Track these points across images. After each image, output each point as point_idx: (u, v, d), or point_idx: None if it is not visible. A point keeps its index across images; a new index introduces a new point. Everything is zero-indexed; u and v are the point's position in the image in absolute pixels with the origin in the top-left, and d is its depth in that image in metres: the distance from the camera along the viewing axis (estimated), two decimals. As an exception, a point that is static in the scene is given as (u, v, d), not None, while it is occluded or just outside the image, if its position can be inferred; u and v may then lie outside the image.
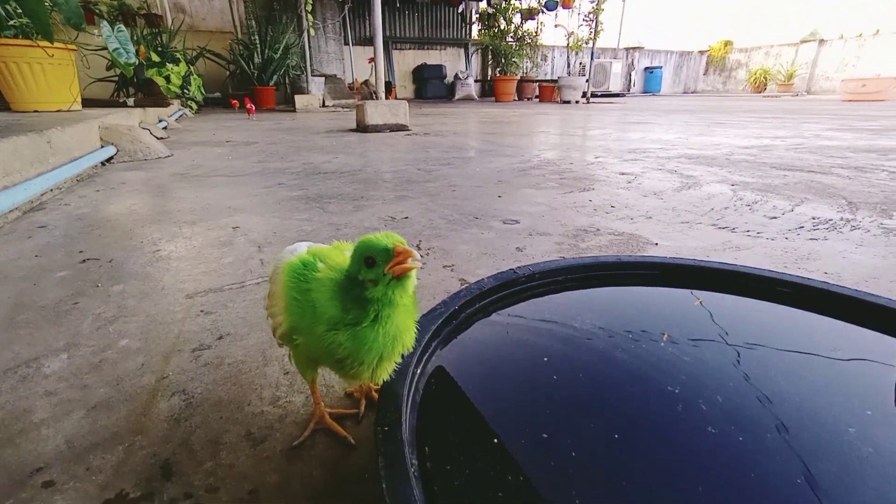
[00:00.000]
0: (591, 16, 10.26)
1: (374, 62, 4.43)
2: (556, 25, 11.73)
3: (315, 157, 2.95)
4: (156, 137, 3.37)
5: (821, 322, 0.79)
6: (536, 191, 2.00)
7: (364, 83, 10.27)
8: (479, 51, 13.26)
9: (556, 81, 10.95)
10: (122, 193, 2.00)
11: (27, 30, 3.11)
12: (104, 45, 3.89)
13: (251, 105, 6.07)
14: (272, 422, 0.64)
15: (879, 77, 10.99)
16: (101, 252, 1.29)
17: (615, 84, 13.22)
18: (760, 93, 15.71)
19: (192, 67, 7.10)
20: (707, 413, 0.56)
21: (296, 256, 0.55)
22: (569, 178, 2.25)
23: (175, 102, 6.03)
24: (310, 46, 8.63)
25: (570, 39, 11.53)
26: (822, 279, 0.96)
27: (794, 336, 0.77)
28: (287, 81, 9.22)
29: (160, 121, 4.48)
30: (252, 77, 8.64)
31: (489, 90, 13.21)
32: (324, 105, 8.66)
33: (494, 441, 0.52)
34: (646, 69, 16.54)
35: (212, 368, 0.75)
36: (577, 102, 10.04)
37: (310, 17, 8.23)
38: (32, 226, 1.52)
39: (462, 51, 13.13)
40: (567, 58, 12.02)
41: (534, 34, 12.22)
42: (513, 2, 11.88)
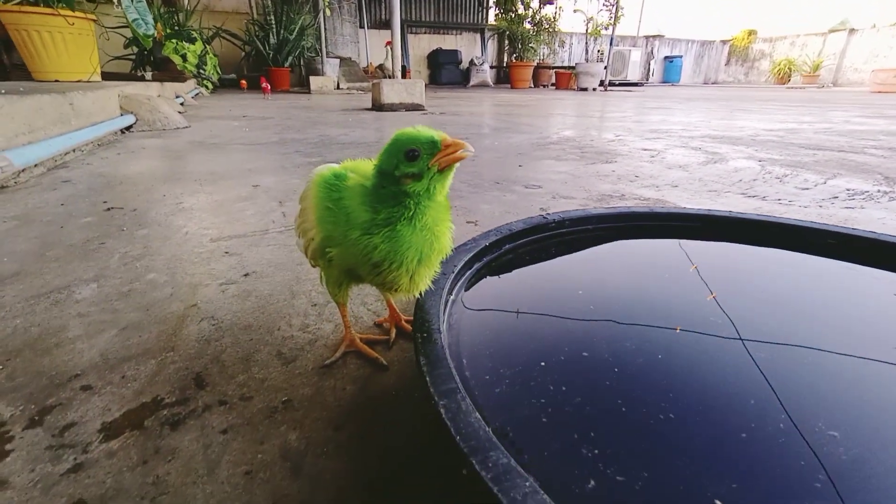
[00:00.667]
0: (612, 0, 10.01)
1: (391, 44, 4.37)
2: (576, 10, 11.47)
3: (331, 131, 2.93)
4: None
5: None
6: (557, 162, 1.96)
7: (379, 67, 10.19)
8: (495, 36, 13.06)
9: (574, 68, 10.74)
10: (143, 157, 2.01)
11: (48, -2, 3.12)
12: (122, 23, 3.90)
13: (266, 84, 6.07)
14: (302, 345, 0.63)
15: (912, 68, 10.56)
16: (125, 202, 1.29)
17: (633, 73, 12.93)
18: (784, 84, 15.25)
19: (209, 47, 7.11)
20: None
21: (326, 169, 0.54)
22: (590, 153, 2.20)
23: (191, 81, 6.05)
24: (325, 28, 8.57)
25: (589, 25, 11.27)
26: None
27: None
28: (302, 63, 9.18)
29: (177, 97, 4.50)
30: (267, 58, 8.61)
31: (504, 77, 13.02)
32: (338, 87, 8.62)
33: (533, 358, 0.51)
34: (665, 58, 16.14)
35: (239, 300, 0.75)
36: (595, 90, 9.85)
37: (325, -2, 8.16)
38: (57, 180, 1.53)
39: (478, 36, 12.94)
40: (585, 44, 11.78)
41: (552, 19, 11.97)
42: (531, -15, 11.62)
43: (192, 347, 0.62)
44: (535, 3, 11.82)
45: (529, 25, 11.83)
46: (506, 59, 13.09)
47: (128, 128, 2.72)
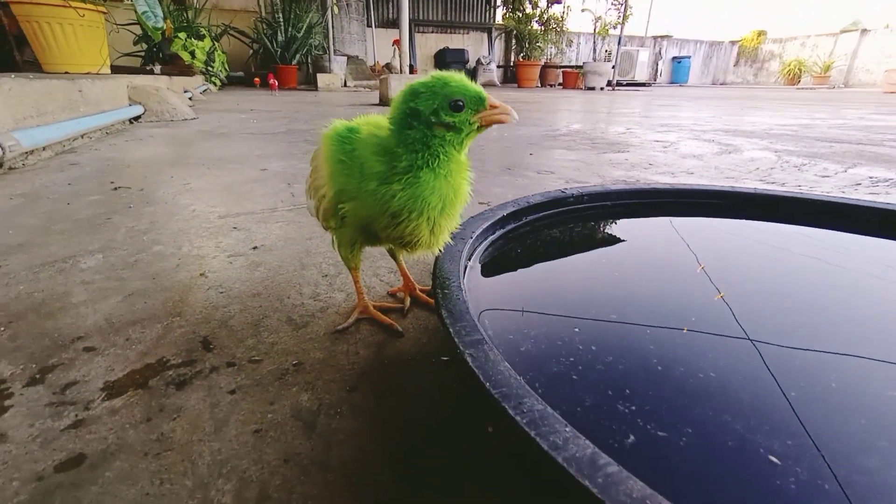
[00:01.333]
0: (621, -1, 9.95)
1: (399, 42, 4.35)
2: (584, 10, 11.42)
3: (339, 123, 2.92)
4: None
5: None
6: (569, 151, 1.93)
7: (386, 66, 10.19)
8: (503, 35, 13.02)
9: (581, 67, 10.69)
10: (151, 144, 2.00)
11: (60, -10, 3.13)
12: (131, 19, 3.91)
13: (274, 80, 6.08)
14: (313, 311, 0.61)
15: (926, 69, 10.39)
16: (132, 183, 1.28)
17: (641, 73, 12.84)
18: (794, 85, 15.09)
19: (217, 44, 7.14)
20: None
21: (339, 122, 0.52)
22: (601, 143, 2.17)
23: (200, 77, 6.07)
24: (333, 26, 8.59)
25: (598, 24, 11.21)
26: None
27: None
28: (309, 61, 9.21)
29: (185, 91, 4.51)
30: (275, 55, 8.64)
31: (511, 76, 12.98)
32: (345, 85, 8.64)
33: (558, 321, 0.48)
34: (673, 59, 16.03)
35: (248, 270, 0.73)
36: (602, 89, 9.79)
37: (333, -4, 8.17)
38: (65, 163, 1.53)
39: (485, 35, 12.91)
40: (593, 44, 11.71)
41: (559, 19, 11.92)
42: (539, -15, 11.57)
43: (200, 313, 0.60)
44: (543, 3, 11.78)
45: (537, 25, 11.79)
46: (513, 59, 13.05)
47: (136, 118, 2.72)
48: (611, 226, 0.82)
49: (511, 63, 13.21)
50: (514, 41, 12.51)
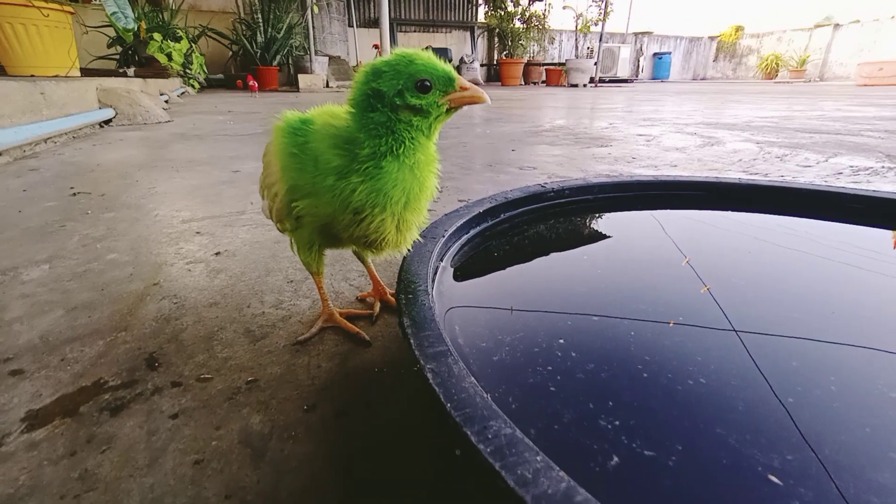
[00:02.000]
0: (601, -4, 10.01)
1: (380, 46, 4.29)
2: (565, 7, 11.47)
3: (319, 123, 2.85)
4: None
5: None
6: (551, 147, 1.90)
7: (368, 65, 10.08)
8: (485, 34, 13.02)
9: (564, 65, 10.74)
10: (120, 147, 1.92)
11: (22, -10, 3.00)
12: (105, 21, 3.77)
13: (254, 82, 5.96)
14: (274, 321, 0.56)
15: (897, 61, 10.67)
16: (93, 188, 1.21)
17: (623, 70, 12.95)
18: (772, 79, 15.39)
19: (195, 46, 6.98)
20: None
21: (291, 113, 0.47)
22: (584, 138, 2.15)
23: (177, 80, 5.92)
24: (313, 26, 8.48)
25: (579, 21, 11.28)
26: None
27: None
28: (290, 62, 9.06)
29: (161, 94, 4.38)
30: (255, 57, 8.49)
31: (495, 74, 12.98)
32: (328, 86, 8.53)
33: (534, 325, 0.44)
34: (654, 55, 16.21)
35: (208, 278, 0.68)
36: (585, 86, 9.85)
37: (313, -5, 8.06)
38: (23, 169, 1.44)
39: (468, 34, 12.88)
40: (575, 41, 11.77)
41: (541, 16, 11.96)
42: (520, -17, 11.59)
43: (148, 327, 0.55)
44: (525, 1, 11.82)
45: (519, 23, 11.81)
46: (496, 57, 13.06)
47: (107, 121, 2.62)
48: (593, 220, 0.79)
49: (494, 61, 13.22)
50: (497, 39, 12.53)
